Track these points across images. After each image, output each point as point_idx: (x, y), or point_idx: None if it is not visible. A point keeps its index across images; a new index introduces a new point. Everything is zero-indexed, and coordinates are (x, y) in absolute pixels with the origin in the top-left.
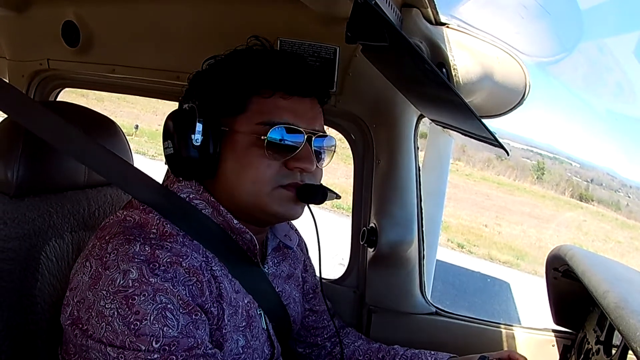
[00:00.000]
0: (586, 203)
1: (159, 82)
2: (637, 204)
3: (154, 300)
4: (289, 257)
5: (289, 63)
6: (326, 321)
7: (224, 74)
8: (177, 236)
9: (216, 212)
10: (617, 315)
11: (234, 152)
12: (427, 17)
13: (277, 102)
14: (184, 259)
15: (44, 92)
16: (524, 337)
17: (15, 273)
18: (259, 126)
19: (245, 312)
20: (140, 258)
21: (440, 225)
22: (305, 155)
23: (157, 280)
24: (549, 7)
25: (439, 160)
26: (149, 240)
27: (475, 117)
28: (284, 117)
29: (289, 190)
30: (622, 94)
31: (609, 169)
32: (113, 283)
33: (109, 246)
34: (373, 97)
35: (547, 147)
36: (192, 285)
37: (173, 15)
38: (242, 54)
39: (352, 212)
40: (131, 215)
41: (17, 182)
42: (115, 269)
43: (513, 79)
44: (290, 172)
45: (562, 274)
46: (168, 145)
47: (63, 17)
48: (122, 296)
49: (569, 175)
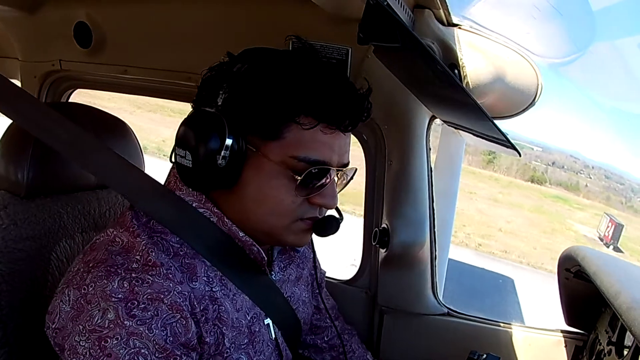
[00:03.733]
0: (538, 185)
1: (170, 82)
2: (595, 183)
3: (127, 344)
4: (296, 259)
5: (339, 91)
6: (325, 322)
7: (262, 90)
8: (161, 267)
9: (221, 221)
10: (629, 316)
11: (258, 177)
12: (439, 18)
13: (316, 136)
14: (166, 295)
15: (56, 93)
16: (536, 337)
17: (25, 273)
18: (292, 160)
19: (248, 329)
20: (118, 297)
21: (453, 226)
22: (331, 192)
23: (132, 323)
24: (561, 8)
25: (451, 161)
26: (129, 273)
27: (488, 118)
28: (321, 154)
29: (306, 224)
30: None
31: (574, 151)
32: (91, 320)
33: (89, 277)
34: (385, 98)
35: (509, 133)
36: (175, 323)
37: (184, 16)
38: (284, 69)
39: (364, 213)
40: (120, 237)
41: (28, 183)
42: (96, 305)
43: (525, 80)
44: (312, 206)
45: (573, 274)
46: (186, 156)
47: (75, 18)
48: (96, 337)
49: (524, 159)
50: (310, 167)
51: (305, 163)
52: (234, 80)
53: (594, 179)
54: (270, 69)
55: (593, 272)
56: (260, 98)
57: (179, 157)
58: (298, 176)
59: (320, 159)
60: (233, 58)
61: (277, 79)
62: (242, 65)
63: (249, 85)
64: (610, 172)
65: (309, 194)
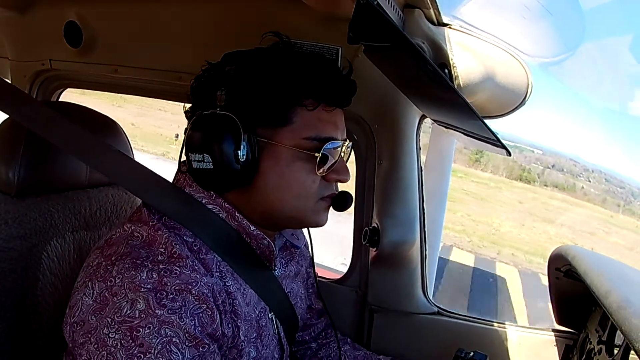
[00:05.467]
0: (526, 183)
1: (161, 82)
2: (593, 186)
3: (159, 333)
4: (296, 256)
5: (331, 73)
6: (314, 319)
7: (263, 81)
8: (187, 259)
9: (230, 217)
10: (620, 315)
11: (277, 165)
12: (429, 18)
13: (320, 115)
14: (194, 286)
15: (46, 93)
16: (526, 336)
17: (16, 272)
18: (306, 141)
19: (256, 323)
20: (147, 287)
21: (442, 226)
22: (342, 167)
23: (163, 312)
24: (551, 7)
25: (441, 160)
26: (156, 265)
27: (478, 117)
28: (328, 131)
29: (326, 202)
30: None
31: (574, 154)
32: (119, 312)
33: (114, 269)
34: (375, 97)
35: (510, 137)
36: (202, 314)
37: (175, 16)
38: (280, 59)
39: (355, 212)
40: (139, 232)
41: (19, 182)
42: (123, 296)
43: (515, 79)
44: (329, 184)
45: (564, 273)
46: (204, 159)
47: (65, 17)
48: (127, 327)
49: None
50: (324, 144)
51: (318, 141)
52: (230, 79)
53: (593, 182)
54: (265, 62)
55: (583, 271)
56: (263, 89)
57: (195, 163)
58: (317, 153)
59: (329, 135)
60: (220, 61)
61: (275, 68)
62: (233, 64)
63: (249, 80)
64: (611, 175)
65: (327, 170)
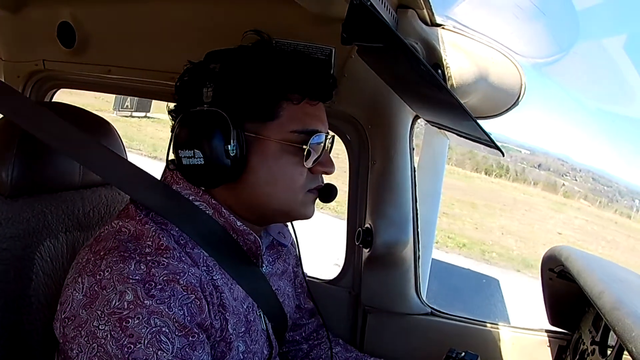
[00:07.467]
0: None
1: (154, 82)
2: (578, 184)
3: (148, 323)
4: (283, 254)
5: (315, 67)
6: (305, 319)
7: (250, 77)
8: (174, 250)
9: (217, 213)
10: (613, 315)
11: (265, 159)
12: (422, 18)
13: (305, 109)
14: (181, 276)
15: (40, 93)
16: (519, 337)
17: (9, 273)
18: (293, 134)
19: (244, 318)
20: (136, 278)
21: (436, 226)
22: (327, 159)
23: (152, 302)
24: (545, 8)
25: (434, 161)
26: (144, 257)
27: (471, 118)
28: (314, 124)
29: (313, 194)
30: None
31: (563, 154)
32: (109, 304)
33: (103, 263)
34: (369, 98)
35: (499, 137)
36: (190, 304)
37: (168, 17)
38: (264, 55)
39: (348, 212)
40: (126, 227)
41: (12, 182)
42: (112, 289)
43: (508, 79)
44: (315, 176)
45: (557, 274)
46: (195, 155)
47: (59, 17)
48: (116, 318)
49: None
50: (310, 136)
51: (305, 134)
52: (216, 76)
53: (579, 181)
54: (251, 58)
55: (577, 272)
56: (250, 84)
57: (186, 159)
58: (304, 145)
59: (315, 128)
60: (203, 60)
61: (261, 64)
62: (218, 62)
63: (236, 76)
64: (600, 175)
65: (313, 162)
